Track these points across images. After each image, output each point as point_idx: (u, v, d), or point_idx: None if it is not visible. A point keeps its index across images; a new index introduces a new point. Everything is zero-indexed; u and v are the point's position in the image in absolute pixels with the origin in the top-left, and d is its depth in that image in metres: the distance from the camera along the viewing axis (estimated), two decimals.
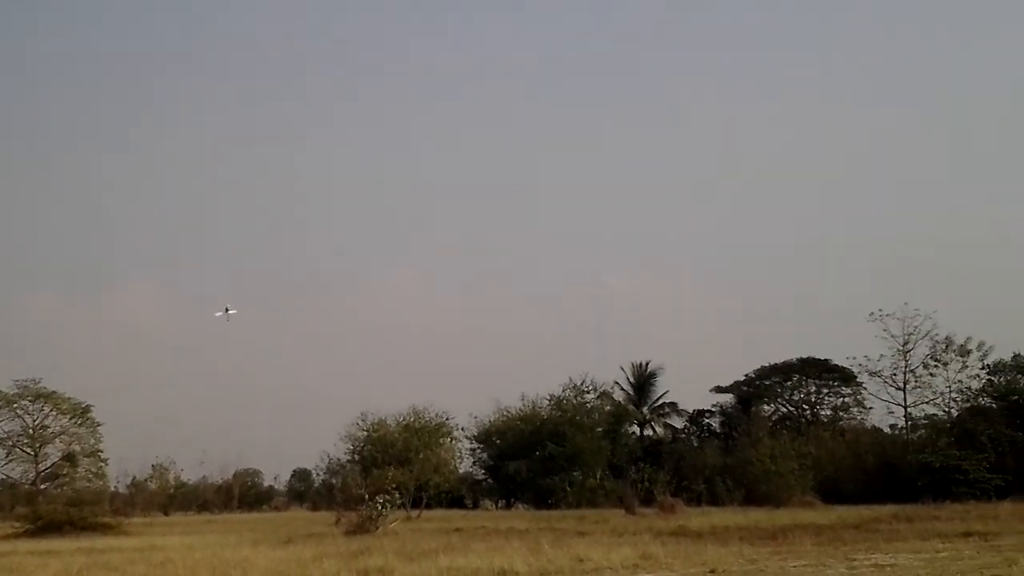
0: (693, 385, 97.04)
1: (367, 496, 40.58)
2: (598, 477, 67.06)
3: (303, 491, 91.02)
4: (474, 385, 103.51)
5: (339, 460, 64.12)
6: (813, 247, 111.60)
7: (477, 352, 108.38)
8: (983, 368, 66.43)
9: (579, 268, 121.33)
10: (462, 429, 67.94)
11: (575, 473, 67.65)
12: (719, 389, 79.95)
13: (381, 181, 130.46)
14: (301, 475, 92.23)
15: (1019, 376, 65.27)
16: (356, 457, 60.00)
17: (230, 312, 60.87)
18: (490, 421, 73.20)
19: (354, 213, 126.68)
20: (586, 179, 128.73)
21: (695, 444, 76.65)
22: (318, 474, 76.22)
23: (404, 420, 59.13)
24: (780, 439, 65.19)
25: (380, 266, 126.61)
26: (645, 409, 78.33)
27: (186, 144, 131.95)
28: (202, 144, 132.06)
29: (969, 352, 66.29)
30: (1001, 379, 65.60)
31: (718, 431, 79.05)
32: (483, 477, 75.75)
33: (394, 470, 51.71)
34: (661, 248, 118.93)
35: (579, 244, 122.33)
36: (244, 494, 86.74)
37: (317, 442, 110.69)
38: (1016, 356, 65.61)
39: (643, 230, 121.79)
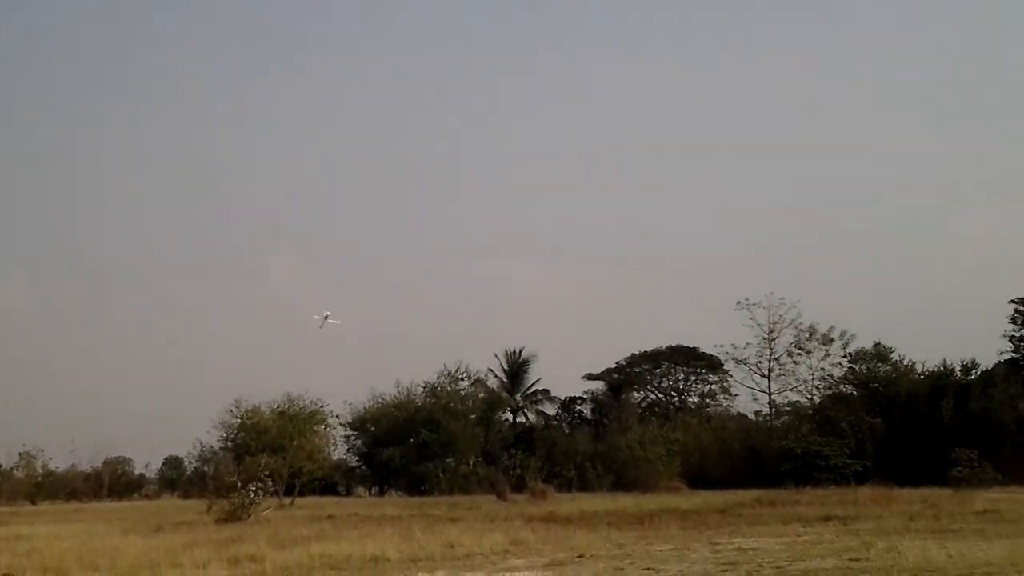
0: (565, 372, 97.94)
1: (239, 484, 40.24)
2: (471, 464, 67.55)
3: (175, 479, 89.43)
4: (350, 373, 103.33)
5: (212, 447, 63.48)
6: (683, 235, 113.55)
7: (353, 340, 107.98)
8: (845, 356, 68.52)
9: (452, 257, 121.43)
10: (336, 416, 67.79)
11: (448, 460, 68.04)
12: (590, 376, 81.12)
13: (261, 171, 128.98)
14: (173, 463, 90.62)
15: (879, 364, 67.34)
16: (229, 444, 59.36)
17: (328, 319, 59.28)
18: (365, 408, 73.22)
19: (235, 200, 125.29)
20: (458, 168, 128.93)
21: (566, 431, 77.40)
22: (190, 462, 75.41)
23: (278, 407, 58.79)
24: (649, 426, 66.34)
25: (257, 253, 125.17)
26: (518, 396, 78.98)
27: None
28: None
29: (832, 341, 68.38)
30: (862, 367, 67.61)
31: (589, 418, 80.00)
32: (357, 464, 75.66)
33: (267, 457, 51.37)
34: (533, 237, 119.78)
35: (452, 233, 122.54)
36: (114, 482, 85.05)
37: (190, 429, 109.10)
38: (877, 344, 67.75)
39: (514, 219, 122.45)
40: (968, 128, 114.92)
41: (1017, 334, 65.92)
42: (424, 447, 68.20)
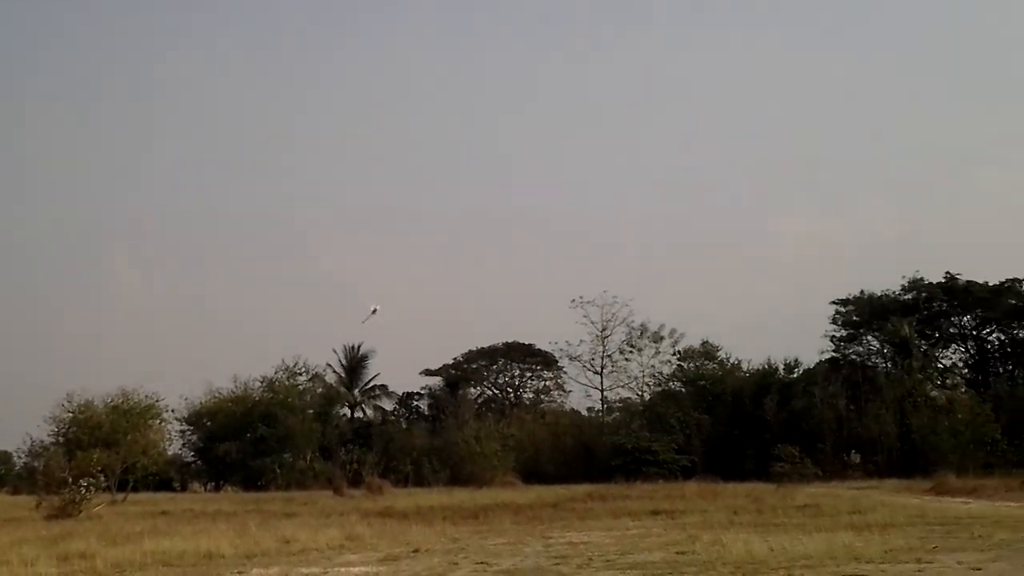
0: (403, 368, 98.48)
1: (70, 479, 39.65)
2: (308, 459, 67.40)
3: (3, 475, 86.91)
4: (188, 369, 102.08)
5: (42, 442, 61.96)
6: (518, 230, 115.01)
7: (191, 334, 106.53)
8: (675, 354, 70.39)
9: (291, 249, 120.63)
10: (172, 411, 66.86)
11: (286, 455, 67.78)
12: (428, 372, 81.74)
13: (98, 153, 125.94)
14: (1, 457, 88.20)
15: (707, 362, 69.38)
16: (60, 439, 58.19)
17: (376, 313, 55.96)
18: (201, 403, 72.25)
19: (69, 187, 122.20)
20: (299, 162, 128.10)
21: (404, 426, 77.86)
22: (19, 457, 73.28)
23: (112, 402, 57.80)
24: (485, 421, 67.04)
25: (95, 246, 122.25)
26: (356, 391, 78.87)
27: None
28: None
29: (662, 339, 70.21)
30: (690, 364, 69.53)
31: (427, 413, 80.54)
32: (193, 459, 74.62)
33: (100, 452, 50.54)
34: (371, 229, 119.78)
35: (291, 225, 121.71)
36: None
37: (19, 424, 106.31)
38: (704, 343, 69.88)
39: (352, 210, 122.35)
40: (787, 129, 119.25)
41: (837, 334, 68.94)
42: (261, 442, 67.76)
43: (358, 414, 79.35)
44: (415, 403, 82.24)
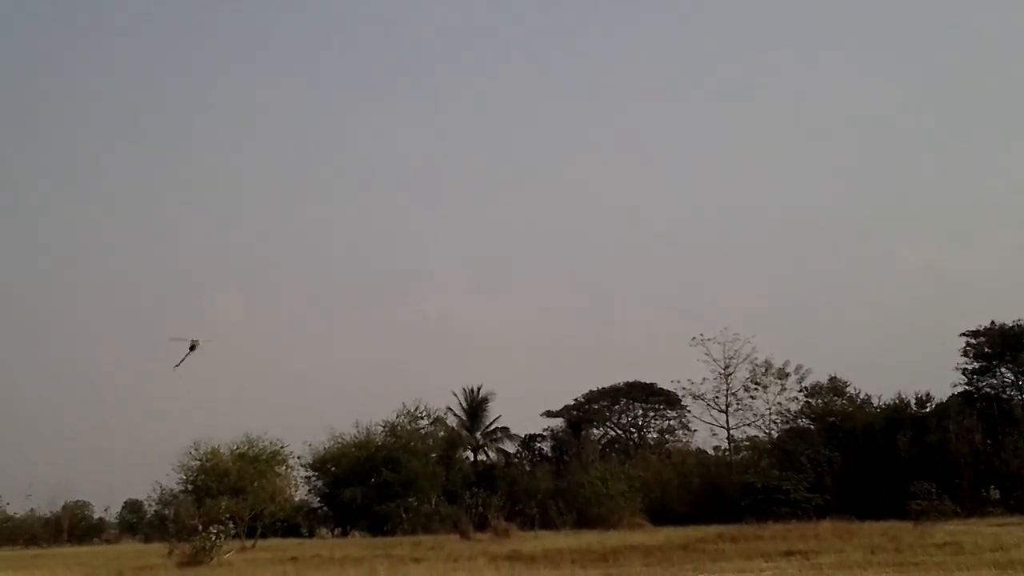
0: (524, 410, 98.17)
1: (200, 527, 40.05)
2: (433, 503, 67.24)
3: (135, 523, 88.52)
4: (308, 412, 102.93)
5: (172, 491, 62.78)
6: (635, 272, 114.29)
7: (310, 378, 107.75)
8: (801, 390, 68.97)
9: (410, 294, 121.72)
10: (297, 457, 67.42)
11: (410, 499, 67.73)
12: (549, 414, 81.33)
13: (211, 204, 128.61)
14: (133, 506, 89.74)
15: (835, 398, 67.84)
16: (189, 487, 58.97)
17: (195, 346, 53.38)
18: (325, 448, 72.63)
19: (185, 234, 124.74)
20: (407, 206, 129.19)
21: (527, 468, 77.34)
22: (150, 505, 74.21)
23: (238, 449, 58.42)
24: (609, 462, 66.45)
25: (207, 289, 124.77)
26: (478, 434, 78.95)
27: None
28: None
29: (787, 375, 68.81)
30: (818, 401, 68.07)
31: (549, 455, 79.99)
32: (319, 505, 75.00)
33: (228, 500, 51.09)
34: (486, 274, 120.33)
35: (408, 270, 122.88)
36: (74, 527, 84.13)
37: (149, 472, 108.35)
38: (832, 379, 68.31)
39: (467, 255, 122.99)
40: (917, 159, 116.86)
41: (969, 367, 66.83)
42: (385, 486, 67.87)
43: (481, 457, 79.38)
44: (538, 445, 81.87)
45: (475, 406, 79.11)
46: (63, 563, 43.72)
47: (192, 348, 44.70)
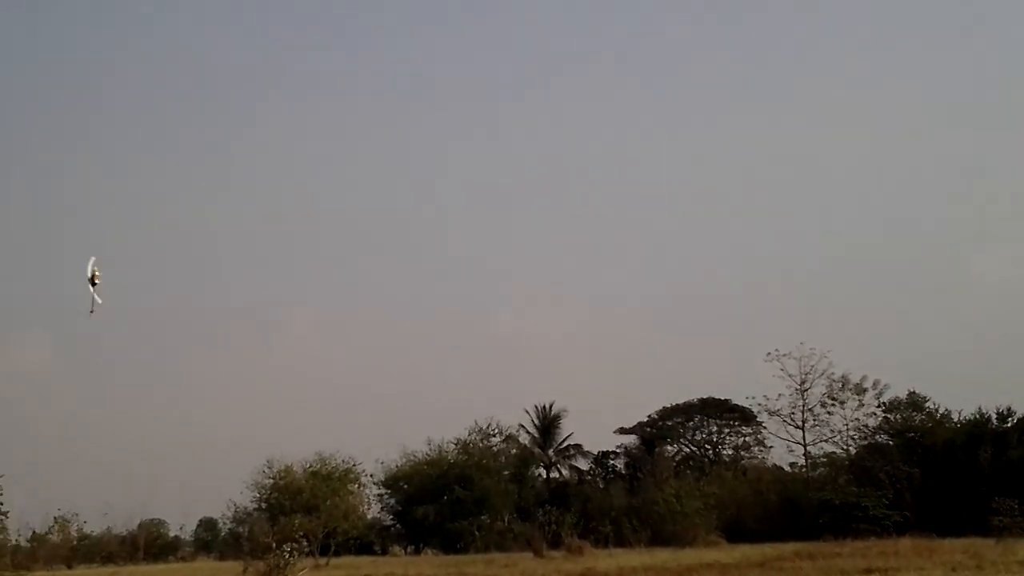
0: (597, 427, 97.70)
1: (274, 544, 40.24)
2: (506, 520, 67.08)
3: (210, 540, 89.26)
4: (379, 431, 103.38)
5: (245, 509, 63.15)
6: (708, 285, 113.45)
7: (380, 397, 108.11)
8: (879, 406, 67.87)
9: (477, 310, 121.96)
10: (370, 475, 67.57)
11: (483, 517, 67.53)
12: (623, 431, 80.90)
13: (280, 226, 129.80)
14: (208, 524, 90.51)
15: (914, 413, 66.80)
16: (263, 505, 59.30)
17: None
18: (397, 466, 72.75)
19: (257, 256, 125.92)
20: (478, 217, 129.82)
21: (601, 486, 76.91)
22: (224, 523, 74.69)
23: (311, 467, 58.67)
24: (684, 479, 65.89)
25: (280, 310, 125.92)
26: (550, 451, 78.59)
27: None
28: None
29: (865, 390, 67.69)
30: (897, 416, 67.04)
31: (623, 472, 79.54)
32: (391, 523, 75.06)
33: (301, 517, 51.27)
34: (557, 290, 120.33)
35: (473, 286, 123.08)
36: (149, 545, 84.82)
37: (223, 490, 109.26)
38: (911, 394, 67.28)
39: (537, 271, 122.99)
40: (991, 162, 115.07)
41: None
42: (458, 504, 67.77)
43: (553, 474, 79.04)
44: (611, 462, 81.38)
45: (547, 423, 78.81)
46: None
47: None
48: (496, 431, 74.34)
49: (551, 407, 78.84)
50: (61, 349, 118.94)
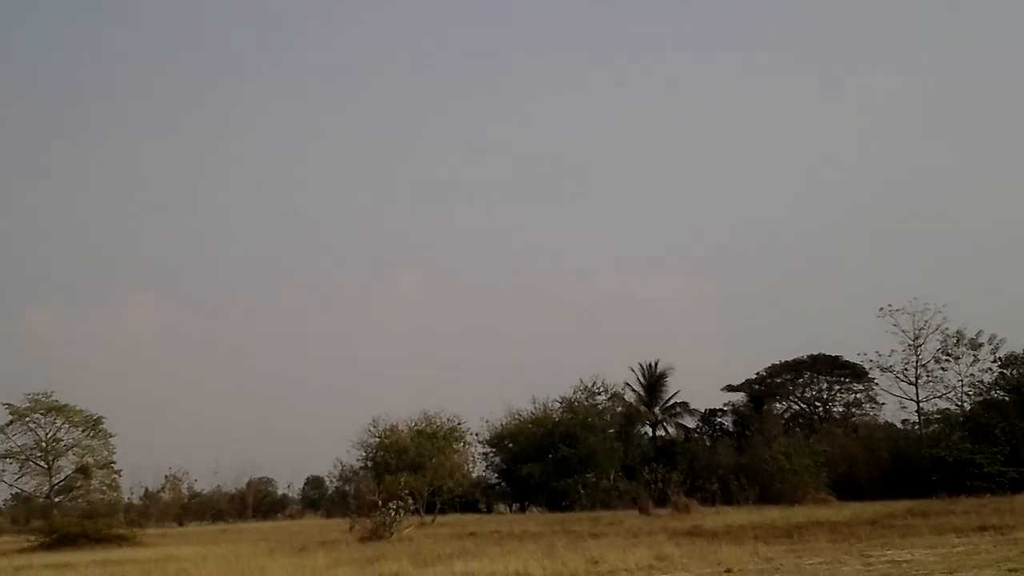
0: (704, 384, 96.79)
1: (380, 502, 40.55)
2: (611, 478, 66.84)
3: (317, 499, 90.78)
4: (485, 390, 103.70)
5: (352, 467, 63.89)
6: (818, 239, 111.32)
7: (485, 356, 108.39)
8: (995, 361, 65.91)
9: (582, 268, 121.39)
10: (475, 434, 67.93)
11: (588, 475, 67.35)
12: (730, 388, 79.82)
13: (387, 180, 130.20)
14: (314, 483, 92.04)
15: None
16: (369, 464, 59.85)
17: None
18: (502, 425, 73.00)
19: (359, 214, 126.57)
20: (579, 178, 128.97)
21: (708, 444, 76.16)
22: (331, 481, 75.72)
23: (416, 426, 59.01)
24: (793, 437, 65.02)
25: (384, 268, 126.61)
26: (657, 409, 78.02)
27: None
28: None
29: (980, 345, 65.86)
30: (1013, 372, 65.20)
31: (731, 430, 78.59)
32: (497, 481, 75.50)
33: (407, 476, 51.62)
34: (662, 247, 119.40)
35: (582, 244, 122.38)
36: (258, 503, 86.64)
37: (330, 449, 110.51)
38: None
39: (643, 228, 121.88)
40: None
41: None
42: (563, 462, 67.72)
43: (660, 432, 78.50)
44: (718, 420, 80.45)
45: (653, 381, 78.19)
46: (248, 538, 44.89)
47: None
48: (601, 389, 74.13)
49: (656, 365, 78.22)
50: (171, 311, 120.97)
